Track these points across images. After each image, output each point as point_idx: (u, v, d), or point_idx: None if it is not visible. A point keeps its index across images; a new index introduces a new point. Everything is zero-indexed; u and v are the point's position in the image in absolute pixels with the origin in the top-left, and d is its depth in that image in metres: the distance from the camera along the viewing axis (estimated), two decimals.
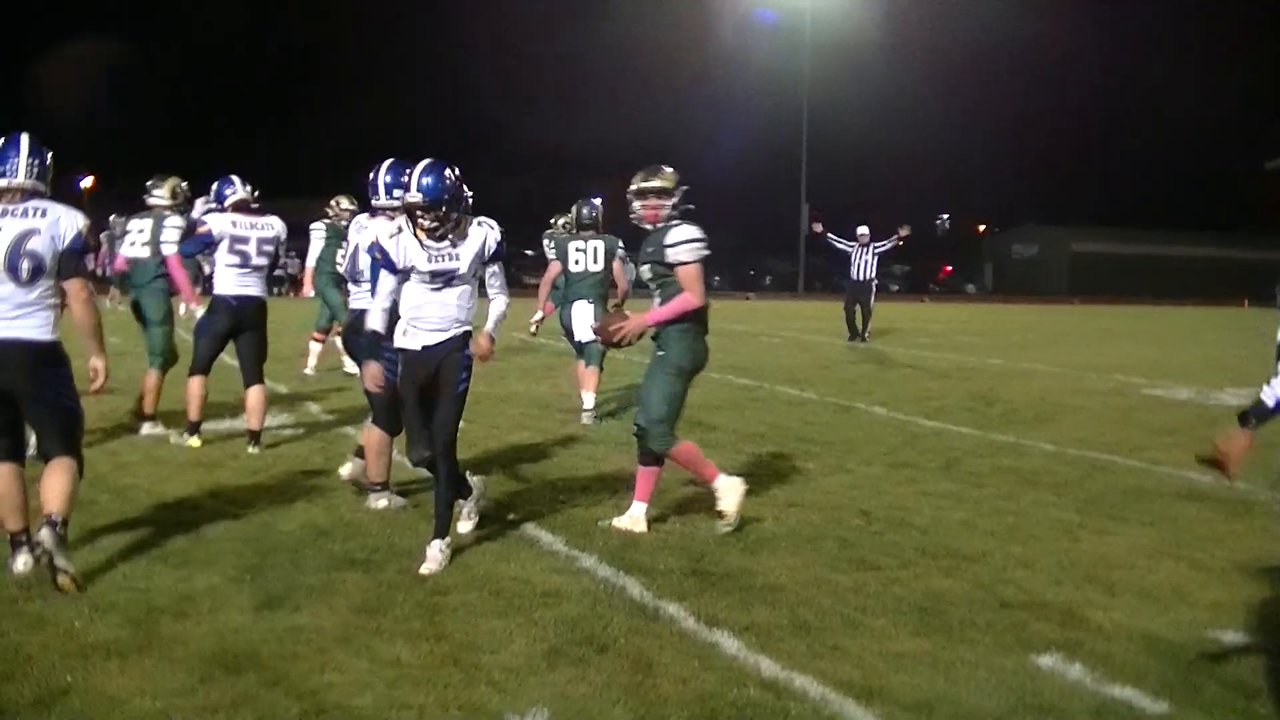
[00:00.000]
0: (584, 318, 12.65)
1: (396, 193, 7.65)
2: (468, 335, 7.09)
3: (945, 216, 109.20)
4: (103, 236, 30.86)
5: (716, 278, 68.85)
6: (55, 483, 6.19)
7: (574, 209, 13.57)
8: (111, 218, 29.40)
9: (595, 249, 12.95)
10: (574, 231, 13.56)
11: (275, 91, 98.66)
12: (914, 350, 23.33)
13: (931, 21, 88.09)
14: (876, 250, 24.77)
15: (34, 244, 6.16)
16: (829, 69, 74.31)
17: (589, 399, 12.62)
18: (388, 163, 8.07)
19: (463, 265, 6.91)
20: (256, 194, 10.68)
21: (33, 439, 6.69)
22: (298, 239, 15.04)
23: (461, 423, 7.22)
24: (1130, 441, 11.83)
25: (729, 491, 7.76)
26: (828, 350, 23.02)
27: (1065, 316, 44.82)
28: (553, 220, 17.75)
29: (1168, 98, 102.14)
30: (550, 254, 14.90)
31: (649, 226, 7.91)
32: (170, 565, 6.54)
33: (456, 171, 6.83)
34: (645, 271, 7.97)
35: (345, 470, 8.64)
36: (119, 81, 76.90)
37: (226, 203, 10.39)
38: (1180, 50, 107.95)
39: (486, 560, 6.88)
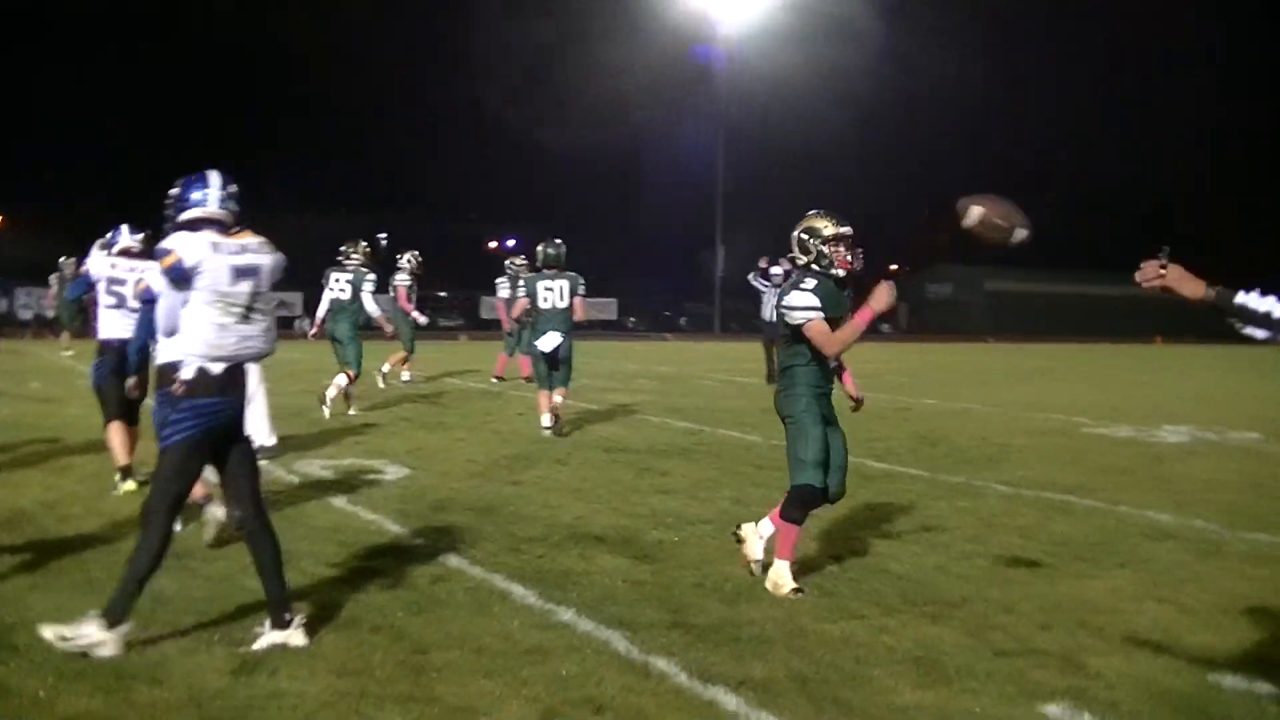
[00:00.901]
0: (553, 341, 14.62)
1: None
2: None
3: (860, 251, 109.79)
4: (52, 278, 30.21)
5: (632, 319, 69.00)
6: None
7: (540, 250, 15.21)
8: (61, 259, 29.05)
9: (561, 287, 14.93)
10: (540, 270, 15.18)
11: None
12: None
13: (843, 66, 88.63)
14: None
15: None
16: (744, 112, 74.74)
17: (547, 419, 14.55)
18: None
19: None
20: (143, 238, 10.48)
21: None
22: None
23: (409, 470, 6.97)
24: (1084, 482, 11.77)
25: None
26: (764, 392, 22.83)
27: (986, 355, 45.17)
28: (508, 261, 20.31)
29: (1076, 140, 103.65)
30: (520, 292, 16.54)
31: (840, 273, 7.85)
32: (135, 627, 6.23)
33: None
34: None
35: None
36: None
37: (114, 249, 10.44)
38: (1084, 95, 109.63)
39: (461, 616, 6.63)
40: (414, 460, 12.10)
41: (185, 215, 6.19)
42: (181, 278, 5.91)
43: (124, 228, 10.60)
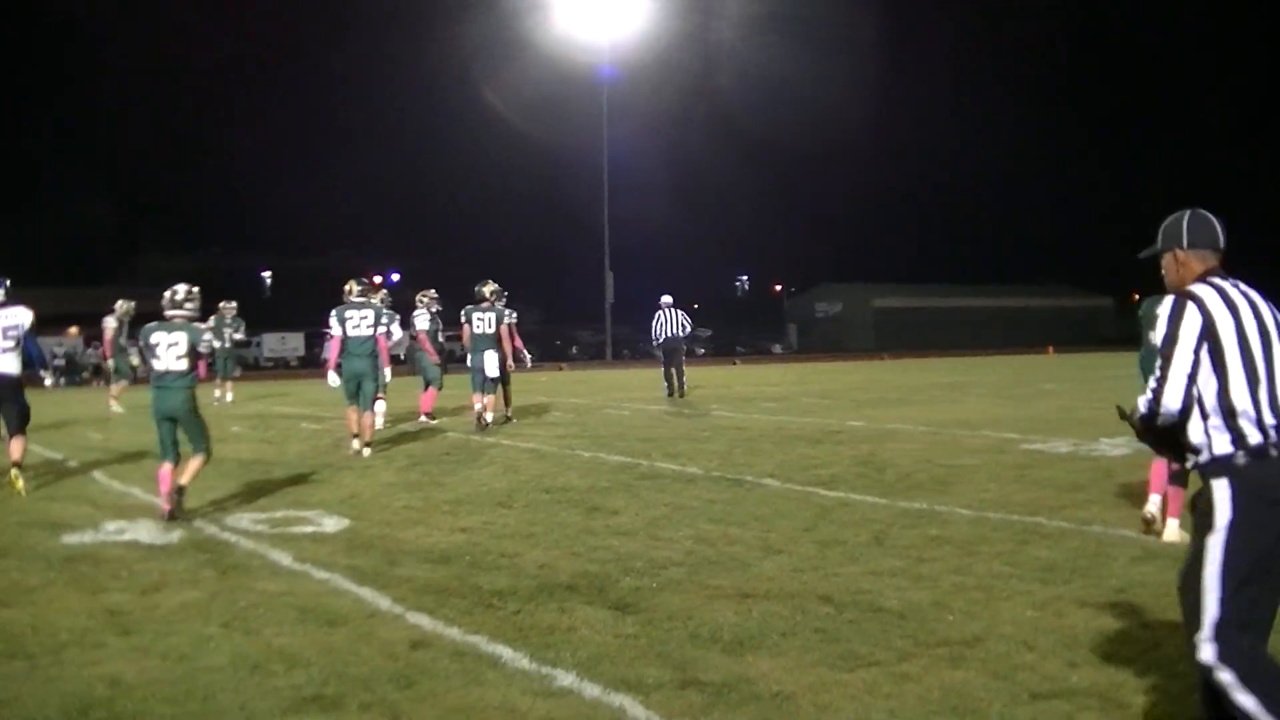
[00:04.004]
0: (491, 361, 19.89)
1: None
2: None
3: (745, 278, 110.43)
4: (107, 321, 28.32)
5: (527, 352, 68.51)
6: None
7: (476, 289, 20.39)
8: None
9: (490, 318, 20.33)
10: (477, 304, 20.27)
11: None
12: (768, 416, 22.97)
13: (725, 89, 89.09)
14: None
15: None
16: (630, 138, 74.76)
17: (489, 416, 19.99)
18: None
19: None
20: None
21: None
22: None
23: (348, 520, 6.51)
24: (1043, 501, 11.50)
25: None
26: (683, 419, 22.51)
27: (886, 372, 45.17)
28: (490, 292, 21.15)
29: (961, 157, 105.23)
30: (464, 320, 20.44)
31: None
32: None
33: None
34: None
35: None
36: None
37: None
38: (967, 111, 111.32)
39: (454, 687, 6.09)
40: (349, 509, 11.53)
41: None
42: None
43: None
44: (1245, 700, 4.50)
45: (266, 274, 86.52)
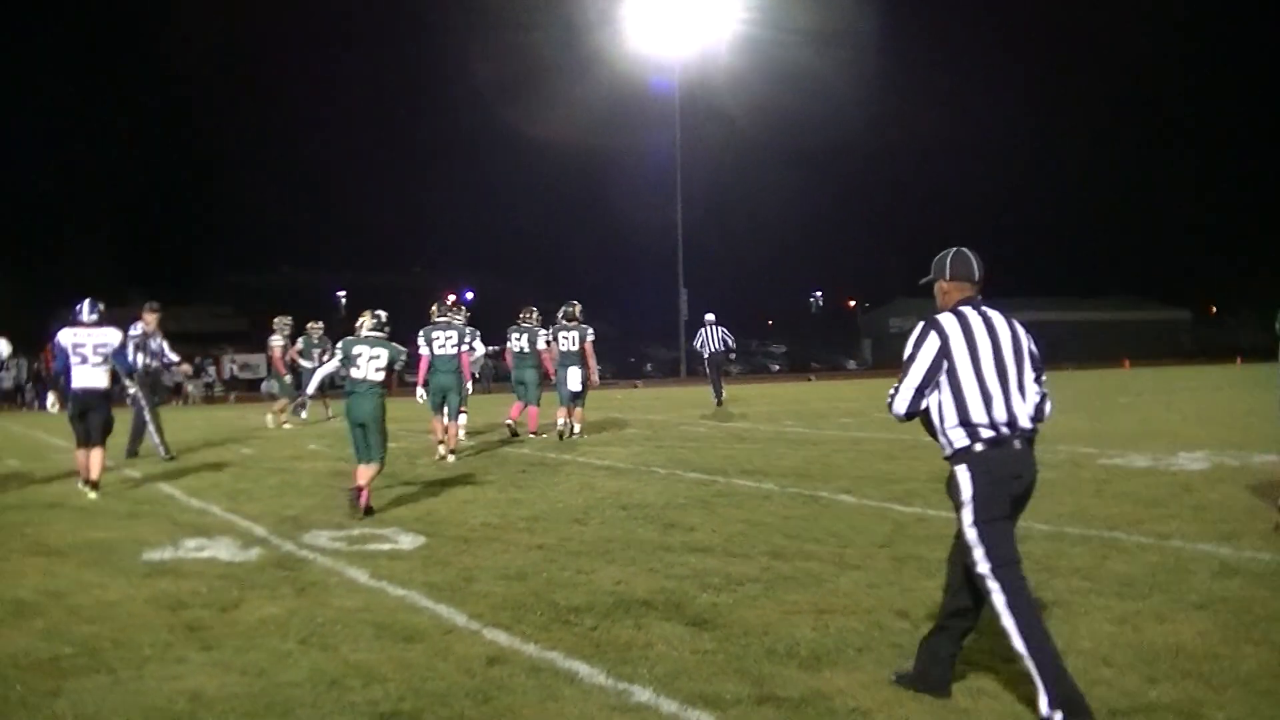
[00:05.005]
0: (575, 376, 21.50)
1: None
2: None
3: (819, 294, 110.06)
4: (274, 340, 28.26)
5: (599, 367, 68.56)
6: None
7: (562, 309, 21.95)
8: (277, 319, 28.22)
9: (573, 335, 21.83)
10: (561, 322, 21.86)
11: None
12: (843, 431, 22.87)
13: (796, 104, 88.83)
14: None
15: None
16: (701, 153, 74.72)
17: (577, 427, 21.72)
18: None
19: None
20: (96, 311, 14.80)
21: None
22: None
23: (425, 538, 6.54)
24: (1123, 516, 11.37)
25: None
26: (760, 436, 22.45)
27: None
28: (522, 315, 22.56)
29: (1035, 168, 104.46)
30: (547, 339, 22.06)
31: None
32: None
33: None
34: None
35: None
36: None
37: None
38: (1041, 122, 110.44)
39: (531, 703, 6.10)
40: (425, 526, 11.57)
41: None
42: None
43: (83, 304, 14.79)
44: (1007, 622, 5.77)
45: (342, 293, 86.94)
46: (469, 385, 19.38)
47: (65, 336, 14.68)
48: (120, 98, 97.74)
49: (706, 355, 31.68)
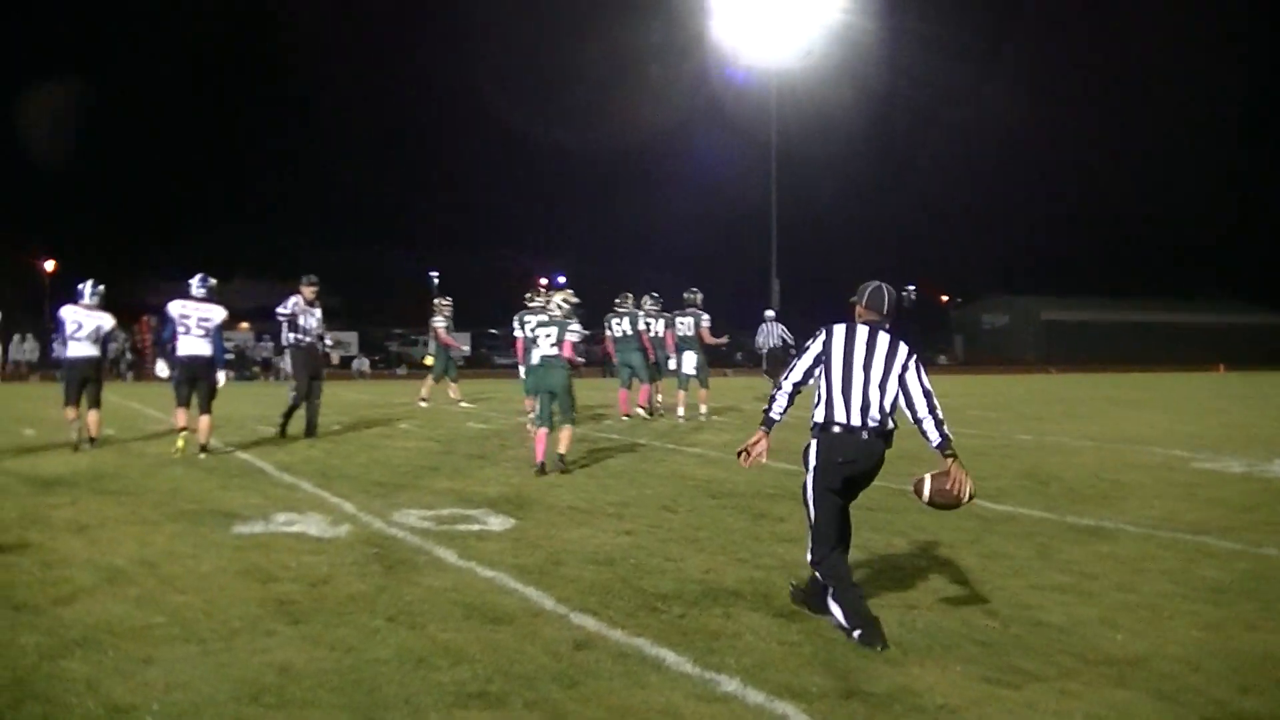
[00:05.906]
0: (689, 360, 23.36)
1: None
2: None
3: (912, 288, 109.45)
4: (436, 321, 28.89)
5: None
6: None
7: (686, 295, 23.90)
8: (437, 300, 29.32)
9: (690, 322, 23.74)
10: (683, 309, 23.83)
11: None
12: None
13: (897, 96, 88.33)
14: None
15: None
16: (796, 143, 74.44)
17: (703, 408, 23.81)
18: None
19: None
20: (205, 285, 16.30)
21: None
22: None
23: (514, 520, 6.57)
24: (1215, 521, 11.25)
25: None
26: None
27: (1053, 385, 44.36)
28: (617, 301, 23.65)
29: (1132, 171, 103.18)
30: (661, 324, 23.72)
31: None
32: (265, 707, 5.77)
33: None
34: None
35: None
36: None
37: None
38: (1137, 121, 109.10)
39: (617, 689, 6.12)
40: (514, 509, 11.64)
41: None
42: None
43: (193, 280, 16.26)
44: (831, 603, 7.24)
45: (435, 273, 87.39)
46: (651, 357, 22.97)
47: (174, 307, 16.10)
48: (231, 91, 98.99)
49: (766, 350, 33.33)
